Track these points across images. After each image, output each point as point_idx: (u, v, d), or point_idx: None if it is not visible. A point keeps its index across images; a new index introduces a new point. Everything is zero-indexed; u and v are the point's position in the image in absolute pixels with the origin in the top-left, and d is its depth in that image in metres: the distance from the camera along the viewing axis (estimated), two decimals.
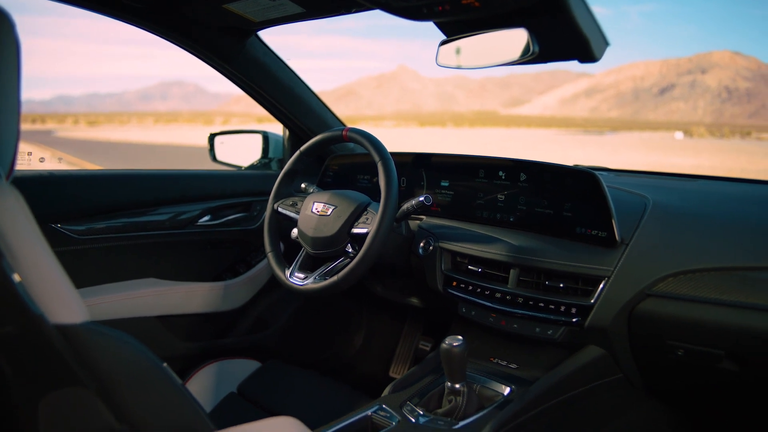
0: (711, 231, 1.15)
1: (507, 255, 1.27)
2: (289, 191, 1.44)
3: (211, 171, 1.80)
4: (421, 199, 1.28)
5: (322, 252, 1.29)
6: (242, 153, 1.97)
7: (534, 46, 0.96)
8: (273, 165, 1.96)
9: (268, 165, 1.96)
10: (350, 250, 1.28)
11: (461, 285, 1.34)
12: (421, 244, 1.40)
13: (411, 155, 1.55)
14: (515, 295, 1.24)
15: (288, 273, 1.33)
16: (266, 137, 1.94)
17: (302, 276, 1.30)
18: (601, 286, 1.15)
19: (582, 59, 0.99)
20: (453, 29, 1.09)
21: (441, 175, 1.49)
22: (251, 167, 1.95)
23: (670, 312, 1.11)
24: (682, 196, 1.32)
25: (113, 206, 1.52)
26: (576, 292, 1.19)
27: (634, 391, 1.32)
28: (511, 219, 1.34)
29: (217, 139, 2.01)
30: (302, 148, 1.40)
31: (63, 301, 0.53)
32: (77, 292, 0.55)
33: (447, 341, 1.08)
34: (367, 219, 1.27)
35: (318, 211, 1.30)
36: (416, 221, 1.49)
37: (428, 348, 1.98)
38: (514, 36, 0.98)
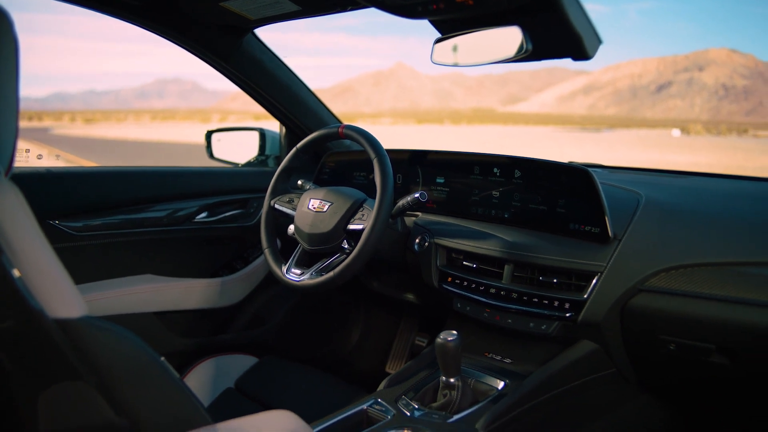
0: (703, 227, 1.17)
1: (501, 251, 1.28)
2: (286, 188, 1.44)
3: (208, 168, 1.81)
4: (417, 196, 1.29)
5: (319, 248, 1.30)
6: (239, 150, 1.98)
7: (527, 44, 0.97)
8: (270, 162, 1.97)
9: (265, 162, 1.96)
10: (346, 246, 1.29)
11: (456, 281, 1.35)
12: (417, 240, 1.42)
13: (407, 152, 1.56)
14: (509, 291, 1.25)
15: (284, 269, 1.34)
16: (263, 134, 1.95)
17: (299, 272, 1.31)
18: (594, 282, 1.16)
19: (575, 57, 1.00)
20: (448, 27, 1.10)
21: (436, 172, 1.50)
22: (248, 164, 1.96)
23: (662, 307, 1.12)
24: (675, 193, 1.33)
25: (111, 203, 1.53)
26: (569, 288, 1.20)
27: (628, 386, 1.33)
28: (506, 215, 1.35)
29: (214, 137, 2.02)
30: (299, 145, 1.41)
31: (62, 296, 0.53)
32: (76, 287, 0.56)
33: (442, 336, 1.09)
34: (363, 215, 1.28)
35: (314, 208, 1.31)
36: (412, 218, 1.50)
37: (424, 344, 1.99)
38: (508, 34, 0.99)
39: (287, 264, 1.35)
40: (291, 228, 1.37)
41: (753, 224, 1.16)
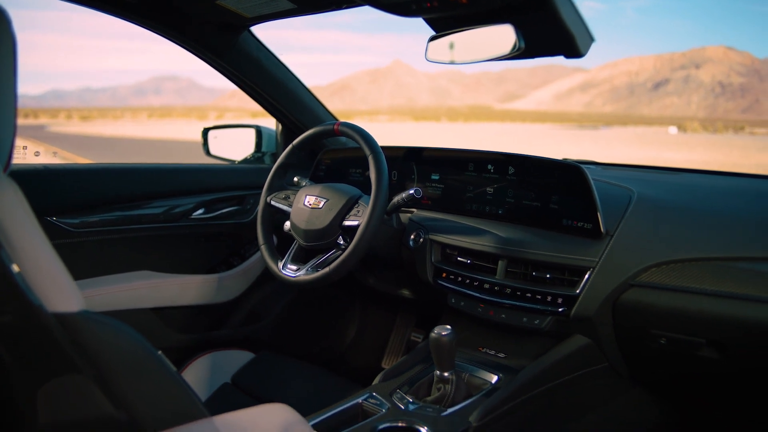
0: (693, 223, 1.18)
1: (495, 247, 1.30)
2: (282, 185, 1.45)
3: (205, 165, 1.81)
4: (412, 192, 1.30)
5: (314, 244, 1.31)
6: (236, 147, 1.99)
7: (520, 42, 0.98)
8: (266, 159, 1.97)
9: (261, 159, 1.97)
10: (342, 243, 1.30)
11: (451, 276, 1.37)
12: (412, 237, 1.43)
13: (402, 149, 1.57)
14: (503, 286, 1.27)
15: (281, 265, 1.35)
16: (259, 131, 1.96)
17: (295, 268, 1.33)
18: (587, 277, 1.18)
19: (568, 55, 1.01)
20: (442, 25, 1.11)
21: (431, 169, 1.51)
22: (245, 161, 1.97)
23: (653, 301, 1.13)
24: (666, 189, 1.34)
25: (108, 199, 1.53)
26: (562, 283, 1.22)
27: (620, 380, 1.34)
28: (500, 211, 1.37)
29: (211, 134, 2.03)
30: (295, 142, 1.42)
31: (60, 291, 0.53)
32: (74, 282, 0.56)
33: (436, 330, 1.11)
34: (358, 211, 1.29)
35: (310, 204, 1.32)
36: (407, 214, 1.51)
37: (420, 340, 2.00)
38: (501, 32, 1.00)
39: (283, 260, 1.36)
40: (287, 224, 1.38)
41: (743, 220, 1.18)
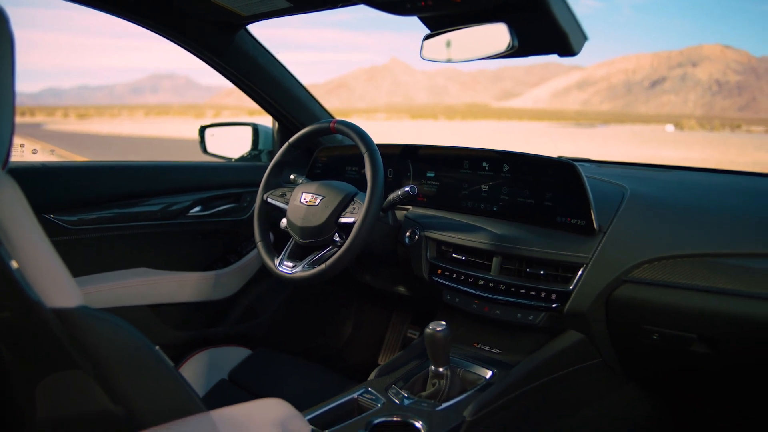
0: (685, 219, 1.20)
1: (490, 243, 1.31)
2: (278, 182, 1.46)
3: (202, 162, 1.82)
4: (407, 189, 1.31)
5: (311, 241, 1.32)
6: (232, 145, 1.99)
7: (514, 41, 0.99)
8: (263, 157, 1.98)
9: (258, 157, 1.98)
10: (338, 239, 1.31)
11: (446, 273, 1.38)
12: (407, 234, 1.44)
13: (398, 147, 1.58)
14: (497, 282, 1.28)
15: (277, 262, 1.36)
16: (256, 129, 1.96)
17: (291, 265, 1.33)
18: (580, 273, 1.19)
19: (561, 53, 1.02)
20: (437, 24, 1.12)
21: (427, 166, 1.52)
22: (241, 159, 1.97)
23: (645, 297, 1.15)
24: (659, 186, 1.36)
25: (105, 197, 1.54)
26: (556, 279, 1.23)
27: (613, 376, 1.36)
28: (495, 209, 1.38)
29: (208, 131, 2.03)
30: (291, 140, 1.43)
31: (59, 286, 0.54)
32: (73, 279, 0.56)
33: (431, 326, 1.12)
34: (354, 209, 1.30)
35: (306, 202, 1.33)
36: (403, 211, 1.52)
37: (416, 336, 2.01)
38: (495, 31, 1.01)
39: (280, 257, 1.37)
40: (283, 221, 1.39)
41: (735, 217, 1.19)
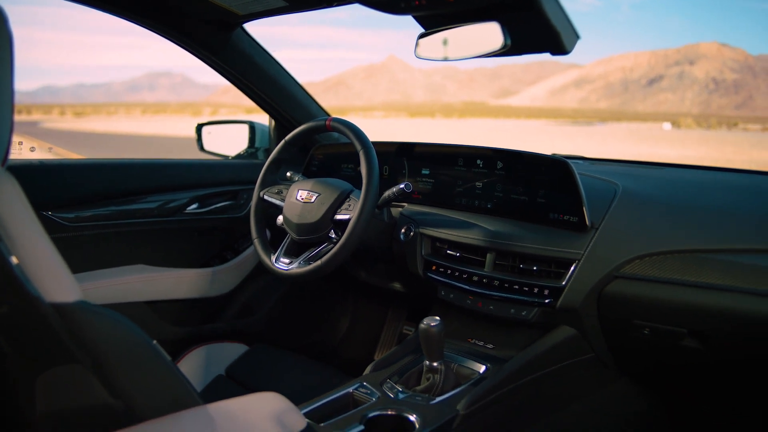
0: (675, 216, 1.21)
1: (484, 240, 1.32)
2: (275, 179, 1.48)
3: (199, 160, 1.83)
4: (402, 187, 1.32)
5: (307, 238, 1.34)
6: (229, 143, 2.00)
7: (506, 40, 1.00)
8: (259, 154, 1.99)
9: (255, 154, 1.99)
10: (333, 236, 1.32)
11: (440, 269, 1.39)
12: (403, 230, 1.45)
13: (393, 144, 1.60)
14: (491, 278, 1.29)
15: (274, 258, 1.37)
16: (253, 127, 1.97)
17: (287, 261, 1.35)
18: (572, 269, 1.20)
19: (554, 52, 1.03)
20: (431, 22, 1.13)
21: (422, 164, 1.53)
22: (238, 156, 1.98)
23: (636, 292, 1.16)
24: (651, 183, 1.37)
25: (103, 194, 1.55)
26: (549, 275, 1.24)
27: (606, 371, 1.37)
28: (489, 206, 1.39)
29: (205, 129, 2.04)
30: (287, 138, 1.44)
31: (58, 282, 0.54)
32: (71, 274, 0.57)
33: (425, 322, 1.13)
34: (350, 206, 1.31)
35: (302, 199, 1.34)
36: (398, 208, 1.54)
37: (412, 333, 2.03)
38: (488, 30, 1.02)
39: (276, 253, 1.38)
40: (280, 218, 1.40)
41: (723, 213, 1.21)
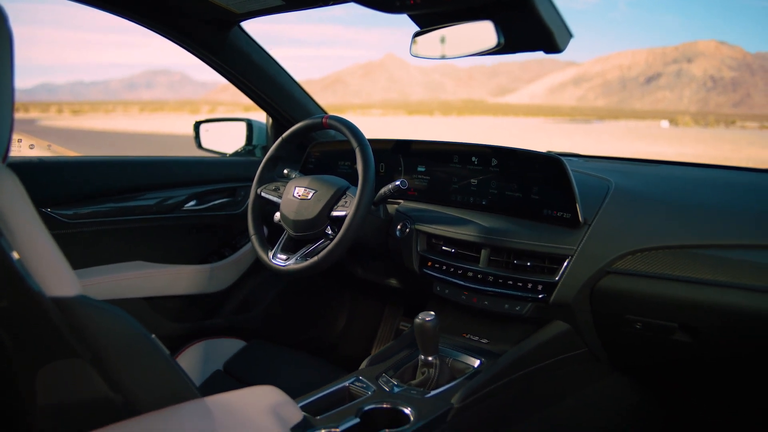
0: (667, 212, 1.23)
1: (479, 236, 1.34)
2: (272, 177, 1.49)
3: (197, 158, 1.84)
4: (398, 184, 1.34)
5: (303, 234, 1.35)
6: (227, 140, 2.02)
7: (500, 38, 1.02)
8: (257, 152, 2.00)
9: (252, 152, 2.00)
10: (330, 233, 1.34)
11: (436, 265, 1.41)
12: (398, 227, 1.47)
13: (390, 142, 1.61)
14: (486, 274, 1.31)
15: (271, 255, 1.39)
16: (250, 125, 1.99)
17: (284, 257, 1.36)
18: (565, 264, 1.22)
19: (547, 50, 1.05)
20: (426, 21, 1.14)
21: (418, 161, 1.55)
22: (236, 154, 2.00)
23: (628, 287, 1.18)
24: (644, 180, 1.39)
25: (102, 191, 1.56)
26: (542, 270, 1.26)
27: (599, 365, 1.39)
28: (483, 202, 1.41)
29: (203, 127, 2.06)
30: (284, 135, 1.45)
31: (59, 276, 0.55)
32: (71, 269, 0.58)
33: (420, 316, 1.15)
34: (346, 202, 1.33)
35: (299, 195, 1.36)
36: (394, 205, 1.55)
37: (408, 329, 2.04)
38: (482, 28, 1.04)
39: (273, 250, 1.40)
40: (277, 215, 1.42)
41: (714, 209, 1.23)
